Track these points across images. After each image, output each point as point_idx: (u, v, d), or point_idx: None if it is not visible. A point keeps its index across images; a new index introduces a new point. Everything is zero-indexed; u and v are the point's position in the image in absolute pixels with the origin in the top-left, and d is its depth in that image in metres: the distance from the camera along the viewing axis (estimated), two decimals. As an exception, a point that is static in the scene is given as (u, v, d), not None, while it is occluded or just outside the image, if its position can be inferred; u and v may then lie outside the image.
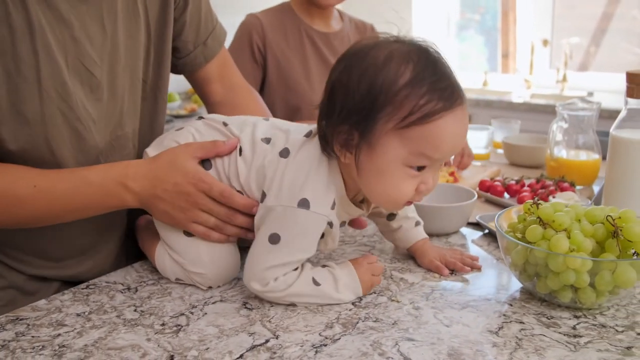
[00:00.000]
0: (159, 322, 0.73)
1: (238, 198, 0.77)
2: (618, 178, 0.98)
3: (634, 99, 0.95)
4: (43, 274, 0.89)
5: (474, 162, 1.48)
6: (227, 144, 0.78)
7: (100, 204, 0.78)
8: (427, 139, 0.67)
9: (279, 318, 0.73)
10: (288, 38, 1.51)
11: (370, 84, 0.67)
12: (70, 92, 0.78)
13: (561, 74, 2.92)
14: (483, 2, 3.87)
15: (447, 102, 0.66)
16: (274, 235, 0.72)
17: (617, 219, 0.76)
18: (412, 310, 0.75)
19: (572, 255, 0.70)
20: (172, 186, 0.76)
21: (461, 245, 0.97)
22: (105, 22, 0.81)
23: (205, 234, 0.78)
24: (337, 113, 0.69)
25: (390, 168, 0.69)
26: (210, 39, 1.01)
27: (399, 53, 0.67)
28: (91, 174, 0.77)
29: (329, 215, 0.73)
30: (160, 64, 0.92)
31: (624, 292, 0.74)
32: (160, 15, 0.90)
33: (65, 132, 0.79)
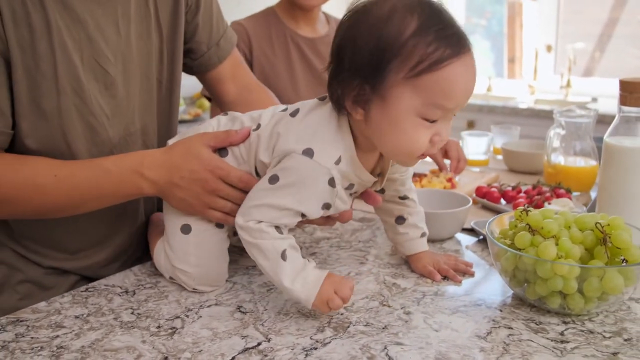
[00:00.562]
0: (155, 325, 0.75)
1: (255, 182, 0.78)
2: (611, 185, 0.99)
3: (627, 106, 0.96)
4: (59, 265, 0.93)
5: (473, 168, 1.49)
6: (239, 133, 0.80)
7: (118, 193, 0.81)
8: (438, 87, 0.67)
9: (271, 321, 0.75)
10: (274, 44, 1.51)
11: (378, 37, 0.68)
12: (84, 88, 0.82)
13: (565, 79, 2.92)
14: (489, 7, 3.88)
15: (454, 49, 0.67)
16: (274, 177, 0.73)
17: (606, 226, 0.77)
18: (403, 315, 0.76)
19: (560, 262, 0.71)
20: (189, 173, 0.78)
21: (455, 251, 0.99)
22: (119, 24, 0.85)
23: (222, 219, 0.80)
24: (347, 69, 0.70)
25: (403, 119, 0.69)
26: (222, 40, 1.05)
27: (402, 5, 0.68)
28: (108, 163, 0.80)
29: (331, 169, 0.72)
30: (173, 64, 0.96)
31: (613, 298, 0.75)
32: (172, 17, 0.94)
33: (79, 126, 0.83)
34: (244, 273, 0.90)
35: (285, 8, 1.53)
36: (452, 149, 1.29)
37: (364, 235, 1.05)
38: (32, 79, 0.78)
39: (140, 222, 0.99)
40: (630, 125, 0.97)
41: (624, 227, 0.77)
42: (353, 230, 1.08)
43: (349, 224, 1.11)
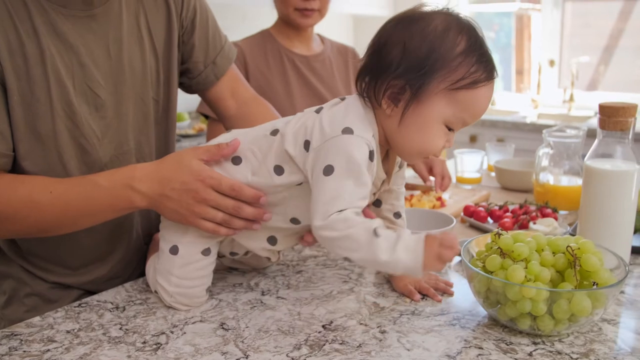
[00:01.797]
0: (141, 340, 0.79)
1: (247, 190, 0.81)
2: (591, 207, 1.01)
3: (605, 130, 0.99)
4: (63, 281, 0.98)
5: (465, 186, 1.51)
6: (230, 145, 0.83)
7: (111, 207, 0.83)
8: (470, 103, 0.77)
9: (252, 339, 0.78)
10: (269, 62, 1.56)
11: (431, 48, 0.75)
12: (75, 111, 0.87)
13: (568, 93, 2.93)
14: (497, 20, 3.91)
15: (489, 74, 0.77)
16: (328, 168, 0.75)
17: (576, 250, 0.79)
18: (378, 333, 0.79)
19: (527, 286, 0.74)
20: (180, 184, 0.80)
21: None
22: (110, 48, 0.90)
23: (214, 229, 0.82)
24: (394, 68, 0.76)
25: (432, 123, 0.78)
26: (219, 58, 1.08)
27: (455, 24, 0.77)
28: (101, 178, 0.83)
29: (371, 142, 0.77)
30: (169, 85, 1.00)
31: (585, 319, 0.78)
32: (166, 40, 0.98)
33: (72, 147, 0.88)
34: (230, 290, 0.93)
35: (280, 28, 1.58)
36: (436, 166, 1.33)
37: (351, 253, 1.08)
38: (27, 104, 0.83)
39: (136, 238, 1.03)
40: (610, 148, 1.00)
41: (593, 251, 0.79)
42: (340, 248, 1.11)
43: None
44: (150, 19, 0.96)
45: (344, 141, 0.75)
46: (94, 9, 0.88)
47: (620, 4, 3.15)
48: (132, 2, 0.94)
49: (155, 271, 0.89)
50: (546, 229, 1.12)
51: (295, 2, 1.46)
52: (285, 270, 1.01)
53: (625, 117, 0.96)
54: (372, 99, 0.80)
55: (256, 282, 0.96)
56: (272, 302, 0.89)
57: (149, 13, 0.96)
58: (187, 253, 0.86)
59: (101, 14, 0.89)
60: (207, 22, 1.06)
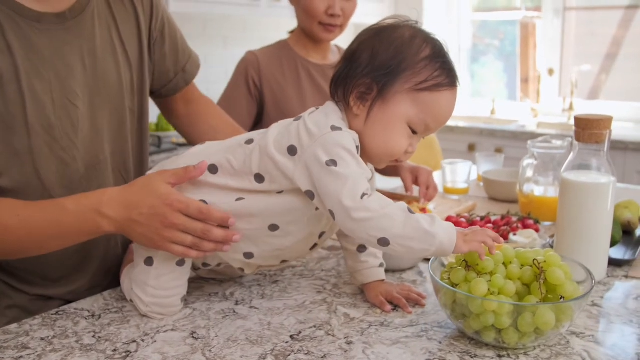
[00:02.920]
0: (112, 348, 0.80)
1: (215, 213, 0.83)
2: (568, 219, 1.01)
3: (581, 142, 0.99)
4: (44, 293, 0.99)
5: (452, 196, 1.52)
6: (197, 168, 0.84)
7: (78, 231, 0.84)
8: (432, 105, 0.82)
9: (219, 348, 0.79)
10: (284, 71, 1.58)
11: (398, 51, 0.82)
12: (54, 125, 0.89)
13: (568, 102, 2.92)
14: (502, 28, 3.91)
15: (451, 80, 0.84)
16: (330, 161, 0.77)
17: (542, 263, 0.80)
18: (344, 344, 0.80)
19: (489, 299, 0.74)
20: (148, 209, 0.81)
21: (413, 281, 1.02)
22: (85, 60, 0.93)
23: (183, 253, 0.83)
24: (362, 68, 0.83)
25: (396, 122, 0.83)
26: (188, 65, 1.14)
27: (421, 34, 0.84)
28: (68, 203, 0.83)
29: (356, 138, 0.82)
30: (142, 94, 1.04)
31: (551, 333, 0.78)
32: (139, 50, 1.02)
33: (52, 162, 0.90)
34: (205, 300, 0.95)
35: (298, 39, 1.60)
36: (422, 175, 1.33)
37: (329, 264, 1.09)
38: (2, 121, 0.85)
39: (114, 247, 1.05)
40: (585, 160, 1.00)
41: (559, 264, 0.79)
42: (319, 258, 1.12)
43: (317, 252, 1.15)
44: (123, 31, 0.99)
45: (336, 136, 0.80)
46: (67, 22, 0.90)
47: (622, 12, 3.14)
48: (104, 15, 0.96)
49: (130, 281, 0.90)
50: (525, 240, 1.12)
51: (321, 17, 1.48)
52: (262, 280, 1.02)
53: (600, 130, 0.97)
54: (343, 101, 0.85)
55: (232, 292, 0.97)
56: (245, 312, 0.90)
57: (121, 25, 0.99)
58: (162, 264, 0.87)
59: (74, 26, 0.91)
60: (176, 33, 1.12)
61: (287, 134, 0.83)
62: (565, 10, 3.26)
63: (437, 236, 0.76)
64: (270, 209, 0.83)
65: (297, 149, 0.80)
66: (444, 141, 3.00)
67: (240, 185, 0.84)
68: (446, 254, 0.78)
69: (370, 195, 0.77)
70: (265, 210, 0.83)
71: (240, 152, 0.85)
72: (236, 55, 1.55)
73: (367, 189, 0.77)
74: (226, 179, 0.85)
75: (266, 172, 0.82)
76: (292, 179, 0.81)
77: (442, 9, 3.71)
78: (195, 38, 2.99)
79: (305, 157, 0.79)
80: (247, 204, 0.84)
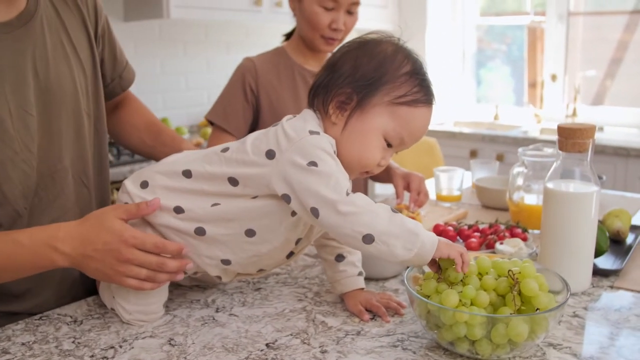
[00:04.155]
0: (89, 354, 0.81)
1: (170, 246, 0.85)
2: (551, 229, 1.01)
3: (564, 151, 0.99)
4: (9, 309, 0.97)
5: (444, 204, 1.52)
6: (149, 205, 0.85)
7: (31, 265, 0.84)
8: (408, 119, 0.84)
9: (195, 355, 0.80)
10: (281, 77, 1.59)
11: (380, 63, 0.84)
12: (13, 139, 0.88)
13: (571, 108, 2.91)
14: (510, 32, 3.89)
15: (428, 97, 0.86)
16: (311, 162, 0.79)
17: (517, 274, 0.80)
18: (319, 353, 0.80)
19: (460, 310, 0.74)
20: (102, 245, 0.82)
21: (395, 290, 1.02)
22: (37, 67, 0.92)
23: (138, 286, 0.84)
24: (344, 78, 0.84)
25: (372, 133, 0.84)
26: (125, 72, 1.16)
27: (402, 50, 0.87)
28: (22, 236, 0.83)
29: (333, 144, 0.84)
30: (97, 97, 1.04)
31: (527, 344, 0.78)
32: (90, 54, 1.03)
33: (14, 173, 0.89)
34: (186, 306, 0.96)
35: (296, 46, 1.61)
36: (413, 182, 1.33)
37: (313, 272, 1.10)
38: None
39: None
40: (569, 170, 1.00)
41: (533, 275, 0.79)
42: (304, 266, 1.13)
43: (302, 259, 1.16)
44: (73, 36, 0.98)
45: (314, 139, 0.81)
46: (16, 30, 0.89)
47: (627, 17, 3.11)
48: (53, 21, 0.95)
49: (111, 291, 0.91)
50: (511, 249, 1.12)
51: (324, 31, 1.49)
52: (245, 287, 1.03)
53: (583, 139, 0.96)
54: (321, 110, 0.87)
55: (213, 299, 0.98)
56: (224, 319, 0.91)
57: (71, 30, 0.98)
58: None
59: (23, 34, 0.90)
60: (114, 40, 1.12)
61: (266, 139, 0.84)
62: (569, 16, 3.25)
63: (420, 236, 0.77)
64: (246, 213, 0.84)
65: (276, 152, 0.81)
66: (445, 147, 2.99)
67: (215, 189, 0.85)
68: (426, 258, 0.78)
69: (353, 194, 0.79)
70: (241, 214, 0.84)
71: (215, 159, 0.86)
72: (238, 60, 1.57)
73: (349, 188, 0.79)
74: (201, 184, 0.86)
75: (241, 176, 0.84)
76: (268, 183, 0.81)
77: (446, 13, 3.70)
78: (197, 44, 3.02)
79: (284, 160, 0.80)
80: (222, 209, 0.85)
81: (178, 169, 0.88)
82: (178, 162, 0.89)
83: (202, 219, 0.86)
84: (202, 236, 0.86)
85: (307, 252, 1.17)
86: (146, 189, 0.89)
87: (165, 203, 0.87)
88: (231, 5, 2.67)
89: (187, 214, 0.86)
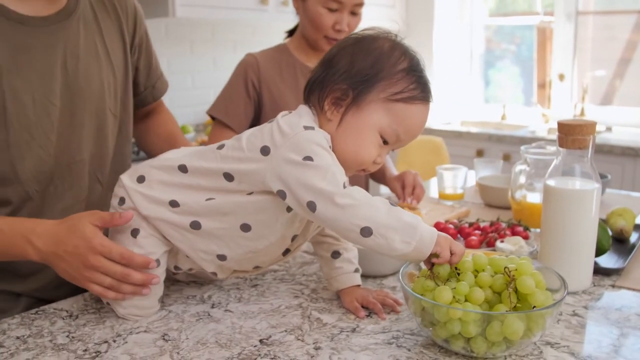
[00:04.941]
0: (83, 348, 0.81)
1: (137, 258, 0.85)
2: (551, 227, 0.99)
3: (564, 148, 0.97)
4: (12, 289, 1.00)
5: (446, 202, 1.50)
6: (122, 217, 0.85)
7: (5, 252, 0.86)
8: (404, 116, 0.83)
9: (187, 350, 0.80)
10: (283, 74, 1.59)
11: (376, 59, 0.83)
12: (31, 123, 0.92)
13: (579, 108, 2.88)
14: (519, 32, 3.87)
15: (425, 95, 0.85)
16: (306, 157, 0.78)
17: (513, 271, 0.78)
18: (312, 350, 0.80)
19: (454, 307, 0.73)
20: (72, 248, 0.83)
21: (393, 287, 1.01)
22: (67, 62, 0.96)
23: (102, 293, 0.85)
24: (340, 74, 0.83)
25: (368, 130, 0.83)
26: (159, 83, 1.21)
27: (400, 47, 0.85)
28: (4, 224, 0.86)
29: (328, 139, 0.82)
30: (125, 102, 1.07)
31: (523, 342, 0.77)
32: (123, 60, 1.06)
33: (27, 157, 0.93)
34: (182, 302, 0.95)
35: (298, 44, 1.60)
36: (407, 178, 1.33)
37: (311, 269, 1.09)
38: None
39: None
40: (569, 167, 0.98)
41: (530, 272, 0.78)
42: (302, 263, 1.12)
43: (301, 256, 1.15)
44: (107, 40, 1.03)
45: (308, 134, 0.80)
46: (52, 26, 0.94)
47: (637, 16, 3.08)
48: (90, 22, 1.01)
49: None
50: (512, 247, 1.10)
51: (327, 32, 1.48)
52: (242, 283, 1.03)
53: (584, 135, 0.95)
54: (317, 106, 0.86)
55: (209, 295, 0.98)
56: (219, 315, 0.90)
57: (106, 35, 1.03)
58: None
59: (59, 29, 0.95)
60: (152, 51, 1.18)
61: (261, 135, 0.83)
62: (578, 15, 3.21)
63: (419, 229, 0.76)
64: (242, 207, 0.84)
65: (270, 148, 0.81)
66: (452, 147, 2.98)
67: (211, 184, 0.85)
68: (425, 252, 0.77)
69: (345, 187, 0.78)
70: (237, 208, 0.84)
71: (211, 156, 0.86)
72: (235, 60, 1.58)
73: (346, 181, 0.78)
74: (197, 179, 0.86)
75: (236, 172, 0.83)
76: (263, 180, 0.81)
77: (454, 13, 3.68)
78: (204, 43, 3.02)
79: (278, 156, 0.79)
80: (217, 203, 0.84)
81: (174, 164, 0.88)
82: (174, 157, 0.89)
83: (198, 213, 0.85)
84: (198, 230, 0.86)
85: (305, 249, 1.16)
86: (143, 183, 0.88)
87: (161, 197, 0.87)
88: (237, 4, 2.67)
89: (182, 208, 0.86)
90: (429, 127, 3.18)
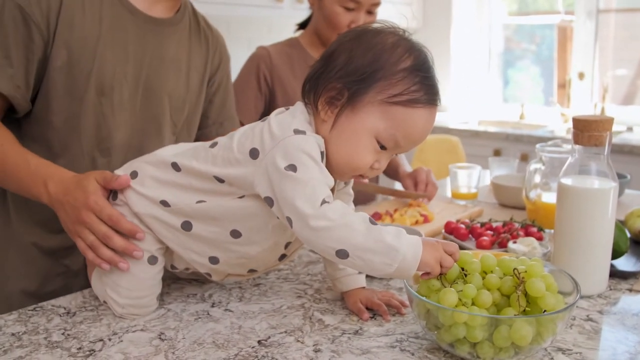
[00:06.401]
0: (77, 346, 0.79)
1: (125, 223, 0.83)
2: (566, 228, 0.95)
3: (579, 145, 0.93)
4: (39, 242, 1.03)
5: (459, 202, 1.46)
6: (119, 179, 0.85)
7: (25, 187, 0.91)
8: (403, 121, 0.76)
9: (183, 350, 0.77)
10: (294, 68, 1.56)
11: (376, 57, 0.76)
12: (105, 94, 0.98)
13: (599, 108, 2.80)
14: (539, 32, 3.79)
15: (430, 97, 0.77)
16: (290, 166, 0.73)
17: (523, 273, 0.75)
18: (311, 352, 0.77)
19: (459, 310, 0.70)
20: (73, 200, 0.85)
21: (399, 289, 0.98)
22: (151, 58, 1.03)
23: (83, 250, 0.86)
24: (336, 71, 0.77)
25: (362, 134, 0.77)
26: (227, 122, 1.22)
27: (405, 43, 0.78)
28: (33, 160, 0.91)
29: (321, 143, 0.77)
30: (191, 121, 1.13)
31: (532, 348, 0.73)
32: (199, 83, 1.12)
33: (91, 123, 0.99)
34: (182, 301, 0.93)
35: (311, 39, 1.58)
36: (420, 174, 1.29)
37: (316, 268, 1.06)
38: (70, 72, 0.95)
39: None
40: (585, 165, 0.94)
41: (541, 274, 0.74)
42: (308, 262, 1.09)
43: (307, 255, 1.12)
44: (192, 62, 1.10)
45: (297, 140, 0.75)
46: (156, 27, 1.02)
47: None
48: (184, 40, 1.08)
49: (102, 283, 0.89)
50: (525, 248, 1.06)
51: (343, 31, 1.46)
52: (244, 282, 1.00)
53: (600, 132, 0.91)
54: (312, 104, 0.80)
55: (210, 294, 0.95)
56: (218, 315, 0.88)
57: (192, 57, 1.10)
58: (133, 263, 0.86)
59: (159, 32, 1.03)
60: (230, 92, 1.22)
61: (252, 135, 0.79)
62: (599, 13, 3.14)
63: (400, 250, 0.71)
64: (231, 213, 0.81)
65: (259, 152, 0.77)
66: (468, 146, 2.92)
67: (202, 185, 0.82)
68: (409, 272, 0.72)
69: (330, 203, 0.72)
70: (226, 214, 0.81)
71: (203, 155, 0.83)
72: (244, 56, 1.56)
73: (327, 196, 0.73)
74: (189, 179, 0.83)
75: (225, 176, 0.80)
76: (251, 184, 0.77)
77: (472, 12, 3.62)
78: (218, 40, 3.01)
79: (266, 162, 0.75)
80: (207, 207, 0.81)
81: (168, 160, 0.85)
82: (169, 154, 0.87)
83: (189, 214, 0.83)
84: (189, 231, 0.83)
85: (311, 248, 1.14)
86: (135, 179, 0.86)
87: (153, 195, 0.84)
88: (252, 1, 2.66)
89: (173, 209, 0.83)
90: (445, 126, 3.13)
